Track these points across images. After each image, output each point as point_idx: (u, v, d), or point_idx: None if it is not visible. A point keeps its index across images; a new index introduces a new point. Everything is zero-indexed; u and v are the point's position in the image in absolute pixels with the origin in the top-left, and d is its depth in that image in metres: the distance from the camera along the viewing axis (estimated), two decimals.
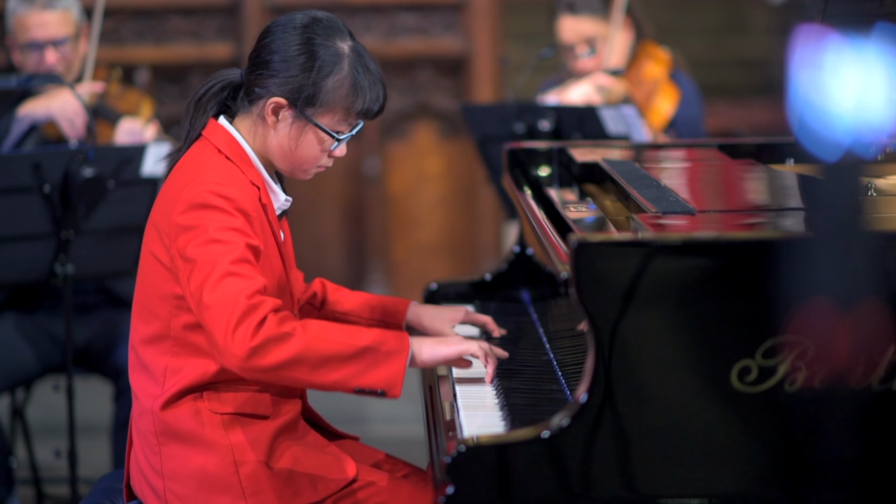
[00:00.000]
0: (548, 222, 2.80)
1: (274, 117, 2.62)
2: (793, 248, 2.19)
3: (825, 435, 2.22)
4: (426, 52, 6.69)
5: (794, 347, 2.21)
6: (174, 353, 2.60)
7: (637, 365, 2.24)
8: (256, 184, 2.63)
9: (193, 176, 2.58)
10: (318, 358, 2.45)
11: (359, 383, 2.48)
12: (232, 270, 2.47)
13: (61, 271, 3.85)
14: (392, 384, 2.49)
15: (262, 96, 2.63)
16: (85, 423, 4.50)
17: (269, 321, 2.43)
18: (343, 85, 2.61)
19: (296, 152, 2.64)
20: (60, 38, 4.28)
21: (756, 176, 3.13)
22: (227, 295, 2.44)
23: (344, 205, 6.74)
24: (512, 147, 3.57)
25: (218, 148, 2.63)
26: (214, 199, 2.53)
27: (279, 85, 2.61)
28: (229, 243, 2.50)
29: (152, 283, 2.61)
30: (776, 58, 1.60)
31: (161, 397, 2.60)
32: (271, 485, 2.58)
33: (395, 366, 2.49)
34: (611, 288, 2.24)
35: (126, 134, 4.25)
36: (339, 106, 2.62)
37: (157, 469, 2.61)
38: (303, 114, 2.61)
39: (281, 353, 2.43)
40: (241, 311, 2.43)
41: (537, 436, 2.25)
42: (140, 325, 2.65)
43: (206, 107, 2.67)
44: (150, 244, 2.62)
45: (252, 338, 2.42)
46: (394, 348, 2.50)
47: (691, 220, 2.51)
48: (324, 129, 2.63)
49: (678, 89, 4.77)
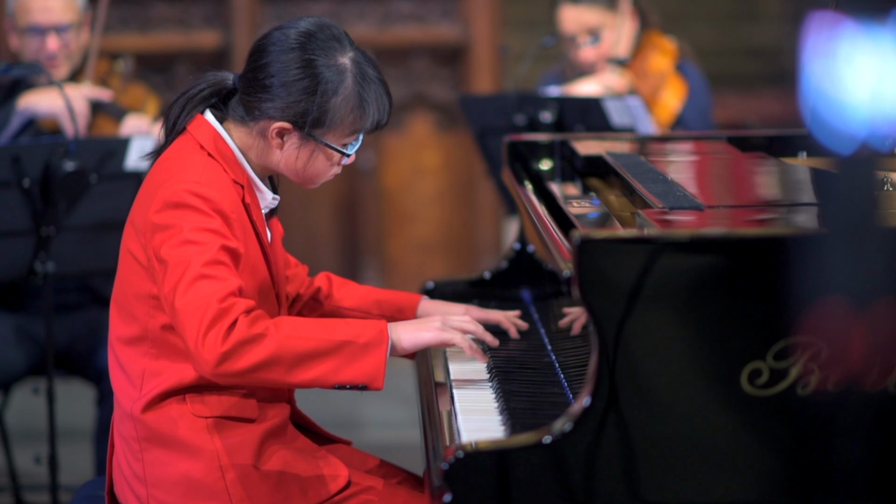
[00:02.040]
0: (549, 218, 2.80)
1: (279, 140, 2.64)
2: (805, 245, 2.19)
3: (839, 440, 2.22)
4: (422, 40, 6.69)
5: (806, 349, 2.21)
6: (152, 355, 2.60)
7: (643, 367, 2.24)
8: (240, 182, 2.63)
9: (172, 173, 2.59)
10: (293, 357, 2.46)
11: (338, 379, 2.49)
12: (204, 273, 2.47)
13: (41, 269, 3.85)
14: (373, 377, 2.49)
15: (264, 118, 2.64)
16: (66, 427, 4.50)
17: (240, 324, 2.44)
18: (349, 102, 2.63)
19: (305, 170, 2.67)
20: (64, 25, 4.29)
21: (767, 170, 3.13)
22: (198, 299, 2.45)
23: (337, 200, 6.74)
24: (512, 139, 3.57)
25: (201, 144, 2.64)
26: (191, 199, 2.53)
27: (282, 110, 2.62)
28: (203, 244, 2.50)
29: (130, 283, 2.62)
30: (788, 46, 1.60)
31: (141, 400, 2.60)
32: (259, 491, 2.58)
33: (376, 358, 2.50)
34: (615, 287, 2.24)
35: (132, 132, 4.24)
36: (346, 123, 2.64)
37: (139, 476, 2.61)
38: (310, 135, 2.63)
39: (254, 355, 2.44)
40: (211, 315, 2.43)
41: (538, 441, 2.25)
42: (118, 324, 2.65)
43: (194, 106, 2.68)
44: (128, 242, 2.63)
45: (223, 342, 2.42)
46: (372, 339, 2.51)
47: (699, 215, 2.51)
48: (333, 147, 2.65)
49: (685, 82, 4.77)
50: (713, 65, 5.93)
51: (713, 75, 5.22)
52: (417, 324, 2.64)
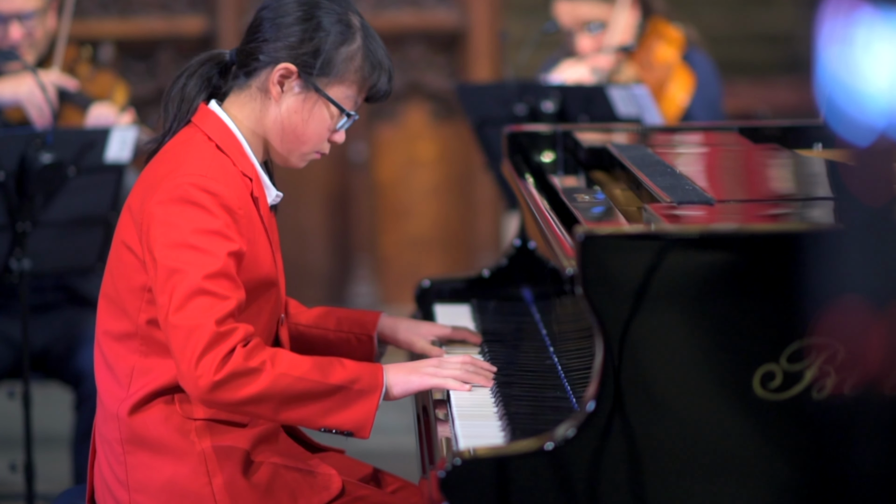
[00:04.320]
0: (552, 213, 2.80)
1: (279, 88, 2.65)
2: (821, 241, 2.19)
3: (856, 446, 2.22)
4: (418, 25, 6.68)
5: (822, 351, 2.21)
6: (142, 352, 2.60)
7: (650, 370, 2.24)
8: (249, 175, 2.64)
9: (178, 163, 2.60)
10: (285, 396, 2.50)
11: (326, 423, 2.54)
12: (204, 287, 2.48)
13: (17, 267, 3.84)
14: (361, 426, 2.54)
15: (267, 64, 2.65)
16: (43, 433, 4.50)
17: (237, 354, 2.47)
18: (357, 56, 2.67)
19: (299, 128, 2.67)
20: (27, 12, 4.28)
21: (780, 162, 3.13)
22: (196, 318, 2.47)
23: (328, 194, 6.74)
24: (512, 130, 3.57)
25: (209, 136, 2.64)
26: (197, 194, 2.54)
27: (287, 50, 2.64)
28: (206, 252, 2.51)
29: (122, 275, 2.62)
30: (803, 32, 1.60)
31: (128, 400, 2.61)
32: (248, 498, 2.59)
33: (367, 406, 2.54)
34: (621, 285, 2.24)
35: (98, 122, 4.23)
36: (353, 79, 2.67)
37: (121, 480, 2.61)
38: (312, 84, 2.64)
39: (246, 390, 2.47)
40: (207, 339, 2.45)
41: (540, 448, 2.25)
42: (107, 319, 2.65)
43: (194, 92, 2.69)
44: (123, 232, 2.62)
45: (217, 371, 2.45)
46: (367, 386, 2.54)
47: (709, 210, 2.51)
48: (335, 102, 2.66)
49: (693, 74, 4.77)
50: (723, 52, 5.92)
51: (723, 63, 5.21)
52: (409, 368, 2.65)
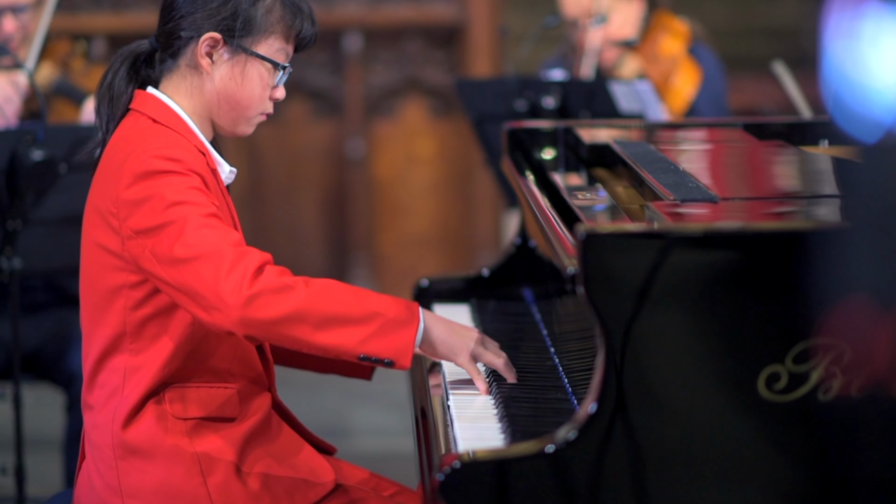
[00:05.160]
0: (552, 211, 2.80)
1: (208, 59, 2.66)
2: (827, 240, 2.19)
3: (863, 450, 2.22)
4: (416, 19, 6.69)
5: (828, 351, 2.21)
6: (133, 350, 2.61)
7: (652, 371, 2.24)
8: (201, 150, 2.65)
9: (134, 146, 2.60)
10: (321, 316, 2.47)
11: (365, 350, 2.51)
12: (206, 223, 2.49)
13: (7, 266, 3.84)
14: (402, 354, 2.52)
15: (190, 39, 2.66)
16: (34, 436, 4.50)
17: (269, 270, 2.46)
18: (275, 8, 2.67)
19: (237, 94, 2.68)
20: (21, 5, 4.29)
21: (786, 159, 3.13)
22: (209, 244, 2.46)
23: (323, 192, 6.74)
24: (512, 127, 3.57)
25: (153, 118, 2.65)
26: (164, 164, 2.55)
27: (207, 20, 2.65)
28: (193, 203, 2.52)
29: (100, 277, 2.62)
30: (808, 26, 1.60)
31: (120, 405, 2.61)
32: (243, 495, 2.59)
33: (406, 335, 2.52)
34: (623, 285, 2.24)
35: (93, 116, 4.22)
36: (277, 30, 2.68)
37: (113, 487, 2.61)
38: (240, 47, 2.66)
39: (281, 306, 2.44)
40: (231, 257, 2.45)
41: (541, 450, 2.25)
42: (93, 331, 2.65)
43: (123, 87, 2.70)
44: (93, 232, 2.63)
45: (249, 286, 2.43)
46: (404, 318, 2.53)
47: (713, 208, 2.51)
48: (266, 58, 2.67)
49: (699, 67, 4.77)
50: (728, 46, 5.92)
51: (728, 57, 5.22)
52: (450, 330, 2.63)
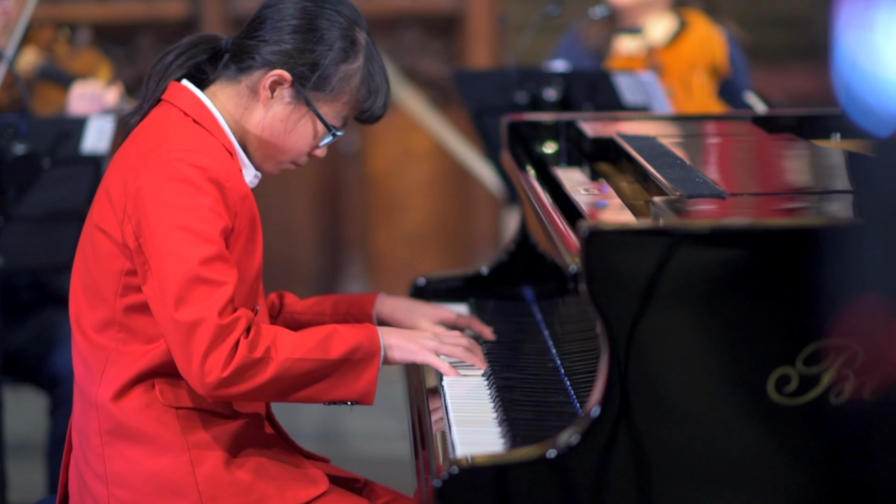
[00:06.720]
0: (554, 207, 2.80)
1: (269, 92, 2.66)
2: (839, 237, 2.19)
3: (877, 455, 2.22)
4: (413, 9, 6.69)
5: (840, 353, 2.21)
6: (121, 339, 2.62)
7: (657, 373, 2.24)
8: (229, 150, 2.65)
9: (160, 141, 2.61)
10: (291, 380, 2.57)
11: (331, 397, 2.62)
12: (202, 275, 2.51)
13: None
14: (366, 394, 2.63)
15: (261, 66, 2.66)
16: (15, 440, 4.50)
17: (242, 347, 2.52)
18: (355, 77, 2.69)
19: (282, 138, 2.70)
20: None
21: (796, 153, 3.13)
22: (197, 312, 2.50)
23: (317, 187, 6.74)
24: (512, 120, 3.57)
25: (184, 111, 2.65)
26: (185, 170, 2.56)
27: (284, 57, 2.66)
28: (200, 235, 2.53)
29: (98, 260, 2.62)
30: (820, 16, 1.60)
31: (107, 388, 2.61)
32: (232, 489, 2.60)
33: (369, 374, 2.62)
34: (628, 283, 2.24)
35: (82, 100, 4.22)
36: (347, 99, 2.70)
37: (99, 474, 2.61)
38: (305, 97, 2.67)
39: (254, 381, 2.54)
40: (211, 335, 2.50)
41: (542, 455, 2.25)
42: (82, 307, 2.65)
43: (177, 71, 2.70)
44: (98, 216, 2.62)
45: (224, 367, 2.51)
46: (366, 353, 2.62)
47: (721, 204, 2.51)
48: (324, 120, 2.68)
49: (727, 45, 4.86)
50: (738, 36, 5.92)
51: None
52: (408, 335, 2.72)
